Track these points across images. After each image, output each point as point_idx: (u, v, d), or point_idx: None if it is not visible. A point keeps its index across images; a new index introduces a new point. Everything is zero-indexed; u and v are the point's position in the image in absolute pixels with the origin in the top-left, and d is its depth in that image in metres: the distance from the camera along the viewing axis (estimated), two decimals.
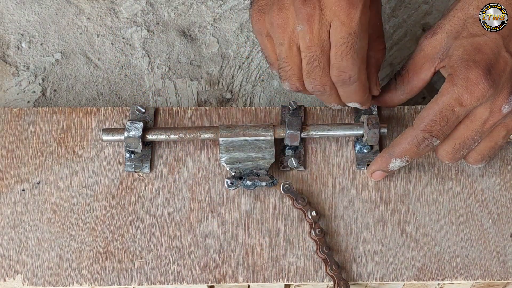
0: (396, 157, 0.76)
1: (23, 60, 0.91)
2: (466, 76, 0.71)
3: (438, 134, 0.73)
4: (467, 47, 0.73)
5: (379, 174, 0.79)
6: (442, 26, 0.76)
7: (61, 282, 0.75)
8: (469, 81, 0.71)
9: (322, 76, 0.72)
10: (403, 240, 0.78)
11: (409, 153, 0.75)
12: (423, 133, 0.73)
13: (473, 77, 0.71)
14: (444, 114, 0.72)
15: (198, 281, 0.75)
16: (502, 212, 0.79)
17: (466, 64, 0.71)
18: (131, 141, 0.78)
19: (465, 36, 0.73)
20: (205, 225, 0.78)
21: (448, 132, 0.74)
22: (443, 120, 0.72)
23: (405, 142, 0.75)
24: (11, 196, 0.79)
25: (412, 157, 0.76)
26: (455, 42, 0.74)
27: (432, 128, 0.73)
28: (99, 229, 0.77)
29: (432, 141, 0.74)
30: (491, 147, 0.76)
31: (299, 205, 0.78)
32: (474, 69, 0.71)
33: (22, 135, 0.82)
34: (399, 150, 0.76)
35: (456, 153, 0.75)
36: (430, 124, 0.73)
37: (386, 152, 0.77)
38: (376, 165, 0.79)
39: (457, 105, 0.72)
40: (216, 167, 0.81)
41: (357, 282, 0.76)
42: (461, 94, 0.71)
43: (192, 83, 0.91)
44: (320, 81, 0.73)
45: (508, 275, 0.76)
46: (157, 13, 0.95)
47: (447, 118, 0.72)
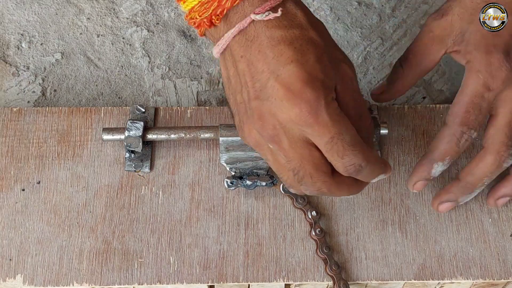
0: (438, 161, 0.74)
1: (23, 60, 0.91)
2: (488, 61, 0.71)
3: (475, 125, 0.72)
4: (484, 31, 0.72)
5: (421, 184, 0.76)
6: (451, 8, 0.74)
7: (61, 282, 0.75)
8: (492, 66, 0.71)
9: (313, 183, 0.67)
10: (403, 239, 0.78)
11: (450, 153, 0.73)
12: (460, 128, 0.72)
13: (495, 61, 0.71)
14: (476, 102, 0.71)
15: (198, 280, 0.75)
16: (502, 212, 0.79)
17: (486, 49, 0.71)
18: (132, 140, 0.78)
19: None
20: (205, 224, 0.78)
21: (483, 121, 0.72)
22: (476, 109, 0.71)
23: (444, 143, 0.73)
24: (11, 196, 0.79)
25: (453, 157, 0.74)
26: (471, 26, 0.73)
27: (468, 120, 0.72)
28: (99, 228, 0.77)
29: (470, 134, 0.72)
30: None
31: (299, 205, 0.78)
32: (494, 54, 0.71)
33: (22, 135, 0.82)
34: (439, 152, 0.73)
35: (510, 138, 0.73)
36: (465, 117, 0.72)
37: (426, 159, 0.75)
38: (417, 174, 0.76)
39: (486, 91, 0.71)
40: (216, 167, 0.81)
41: (357, 282, 0.76)
42: (487, 79, 0.71)
43: (192, 83, 0.91)
44: (313, 187, 0.68)
45: (508, 274, 0.76)
46: (157, 13, 0.95)
47: (480, 106, 0.71)
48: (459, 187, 0.76)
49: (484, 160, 0.73)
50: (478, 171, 0.74)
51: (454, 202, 0.77)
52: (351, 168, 0.66)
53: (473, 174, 0.74)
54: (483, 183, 0.75)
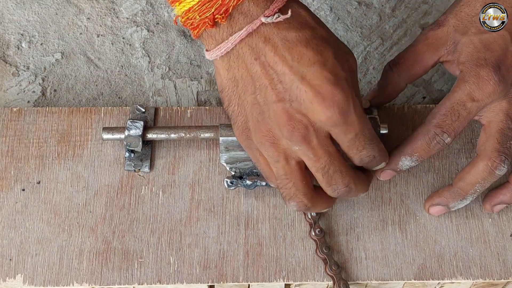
0: (406, 155, 0.75)
1: (23, 60, 0.91)
2: (477, 73, 0.72)
3: (449, 130, 0.73)
4: (476, 44, 0.73)
5: (388, 173, 0.78)
6: (448, 20, 0.76)
7: (61, 282, 0.75)
8: (480, 78, 0.72)
9: (343, 178, 0.70)
10: (403, 239, 0.78)
11: (419, 150, 0.74)
12: (434, 129, 0.73)
13: (484, 73, 0.72)
14: (456, 109, 0.72)
15: (198, 280, 0.75)
16: (502, 212, 0.79)
17: (476, 62, 0.72)
18: (132, 140, 0.78)
19: (474, 33, 0.74)
20: (205, 224, 0.78)
21: (460, 129, 0.73)
22: (454, 115, 0.72)
23: (416, 139, 0.74)
24: (11, 196, 0.79)
25: (422, 155, 0.75)
26: (464, 38, 0.75)
27: (443, 123, 0.73)
28: (99, 228, 0.77)
29: (443, 137, 0.73)
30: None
31: None
32: (484, 66, 0.72)
33: (22, 135, 0.82)
34: (409, 147, 0.75)
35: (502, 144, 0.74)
36: (441, 119, 0.73)
37: (396, 150, 0.76)
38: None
39: (469, 101, 0.72)
40: (216, 167, 0.81)
41: (357, 282, 0.76)
42: (473, 90, 0.72)
43: (192, 83, 0.91)
44: (343, 183, 0.70)
45: (508, 274, 0.76)
46: (157, 13, 0.95)
47: (459, 113, 0.72)
48: (450, 192, 0.77)
49: (476, 166, 0.74)
50: (470, 177, 0.74)
51: (445, 206, 0.77)
52: (366, 159, 0.70)
53: (464, 179, 0.75)
54: (475, 190, 0.75)
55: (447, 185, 0.78)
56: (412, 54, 0.78)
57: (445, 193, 0.77)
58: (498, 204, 0.78)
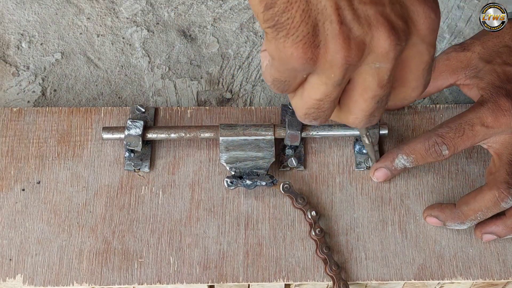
0: (403, 153, 0.75)
1: (23, 60, 0.91)
2: (496, 101, 0.73)
3: (450, 144, 0.73)
4: (500, 73, 0.75)
5: (382, 172, 0.78)
6: (474, 45, 0.77)
7: (61, 282, 0.75)
8: (497, 106, 0.72)
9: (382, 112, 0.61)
10: (403, 239, 0.78)
11: (416, 153, 0.75)
12: (435, 136, 0.73)
13: (503, 103, 0.72)
14: (463, 127, 0.73)
15: (198, 280, 0.75)
16: None
17: (498, 90, 0.73)
18: (132, 139, 0.78)
19: (499, 63, 0.75)
20: (205, 224, 0.78)
21: (460, 147, 0.73)
22: (459, 131, 0.73)
23: (417, 141, 0.75)
24: (11, 196, 0.79)
25: (418, 159, 0.75)
26: (488, 66, 0.76)
27: (446, 134, 0.73)
28: (99, 228, 0.77)
29: (441, 147, 0.73)
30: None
31: (299, 205, 0.78)
32: (504, 97, 0.72)
33: (22, 135, 0.82)
34: (408, 147, 0.75)
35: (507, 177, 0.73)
36: (445, 130, 0.73)
37: (395, 148, 0.77)
38: (382, 160, 0.78)
39: (478, 124, 0.73)
40: (216, 167, 0.81)
41: (357, 282, 0.76)
42: (486, 115, 0.72)
43: (192, 83, 0.91)
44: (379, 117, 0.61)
45: (508, 274, 0.76)
46: (157, 13, 0.95)
47: (464, 131, 0.73)
48: (451, 212, 0.76)
49: (483, 193, 0.74)
50: (475, 203, 0.74)
51: (441, 222, 0.77)
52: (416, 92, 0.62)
53: (468, 204, 0.74)
54: (476, 217, 0.74)
55: (451, 204, 0.77)
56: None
57: (447, 210, 0.76)
58: (489, 234, 0.76)
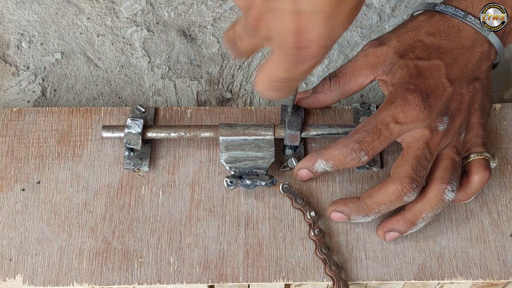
0: (322, 159, 0.75)
1: (23, 60, 0.91)
2: (405, 96, 0.73)
3: (368, 148, 0.73)
4: (411, 68, 0.74)
5: (304, 172, 0.78)
6: (390, 39, 0.78)
7: (61, 282, 0.75)
8: (406, 102, 0.73)
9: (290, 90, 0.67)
10: (403, 239, 0.78)
11: (335, 159, 0.75)
12: (353, 144, 0.73)
13: (411, 98, 0.73)
14: (378, 128, 0.73)
15: (198, 280, 0.75)
16: (502, 212, 0.79)
17: (407, 86, 0.73)
18: (131, 137, 0.78)
19: (411, 58, 0.75)
20: (205, 224, 0.78)
21: (379, 149, 0.74)
22: (376, 133, 0.73)
23: (335, 148, 0.75)
24: (11, 196, 0.79)
25: (336, 165, 0.75)
26: (400, 60, 0.75)
27: (364, 140, 0.73)
28: (99, 228, 0.77)
29: (360, 154, 0.73)
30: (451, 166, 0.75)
31: (298, 205, 0.78)
32: (413, 92, 0.73)
33: (22, 135, 0.82)
34: (327, 153, 0.75)
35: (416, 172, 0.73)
36: (362, 135, 0.73)
37: (316, 151, 0.77)
38: (304, 162, 0.78)
39: (392, 122, 0.73)
40: (216, 167, 0.81)
41: (357, 282, 0.76)
42: (397, 112, 0.73)
43: (192, 83, 0.91)
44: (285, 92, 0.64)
45: (508, 274, 0.76)
46: (157, 13, 0.95)
47: (380, 132, 0.73)
48: (356, 205, 0.76)
49: (386, 187, 0.73)
50: (378, 196, 0.74)
51: (346, 216, 0.77)
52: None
53: (372, 197, 0.74)
54: (380, 210, 0.74)
55: (355, 197, 0.77)
56: (350, 69, 0.79)
57: (351, 204, 0.76)
58: (391, 232, 0.76)
